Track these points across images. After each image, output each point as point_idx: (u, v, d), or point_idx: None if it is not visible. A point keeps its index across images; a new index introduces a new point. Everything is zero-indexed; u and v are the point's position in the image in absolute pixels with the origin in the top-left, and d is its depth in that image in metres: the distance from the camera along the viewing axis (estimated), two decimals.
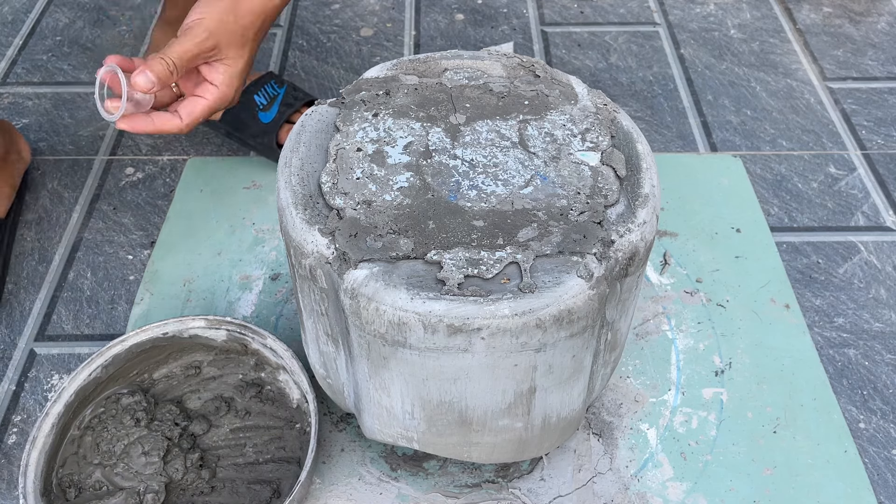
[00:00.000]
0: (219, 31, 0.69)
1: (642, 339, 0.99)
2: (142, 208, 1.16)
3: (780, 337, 0.99)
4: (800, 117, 1.31)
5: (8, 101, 1.32)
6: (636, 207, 0.66)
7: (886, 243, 1.11)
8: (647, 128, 1.29)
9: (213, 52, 0.69)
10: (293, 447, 0.85)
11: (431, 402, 0.68)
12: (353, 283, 0.61)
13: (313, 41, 1.45)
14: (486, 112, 0.74)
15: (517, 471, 0.86)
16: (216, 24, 0.69)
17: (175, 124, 0.70)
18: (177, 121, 0.70)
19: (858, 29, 1.49)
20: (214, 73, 0.71)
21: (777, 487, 0.86)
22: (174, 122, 0.70)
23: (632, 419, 0.91)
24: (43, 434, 0.79)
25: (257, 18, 0.73)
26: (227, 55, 0.71)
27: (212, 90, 0.71)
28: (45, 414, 0.80)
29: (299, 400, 0.87)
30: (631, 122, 0.75)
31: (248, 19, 0.72)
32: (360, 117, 0.73)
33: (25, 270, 1.08)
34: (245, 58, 0.72)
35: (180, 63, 0.67)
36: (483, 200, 0.66)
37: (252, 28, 0.72)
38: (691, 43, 1.46)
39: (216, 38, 0.69)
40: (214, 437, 0.87)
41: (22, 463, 0.77)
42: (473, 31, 1.48)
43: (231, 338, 0.88)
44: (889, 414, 0.93)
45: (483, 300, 0.60)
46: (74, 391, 0.81)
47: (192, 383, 0.90)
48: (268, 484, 0.82)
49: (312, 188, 0.68)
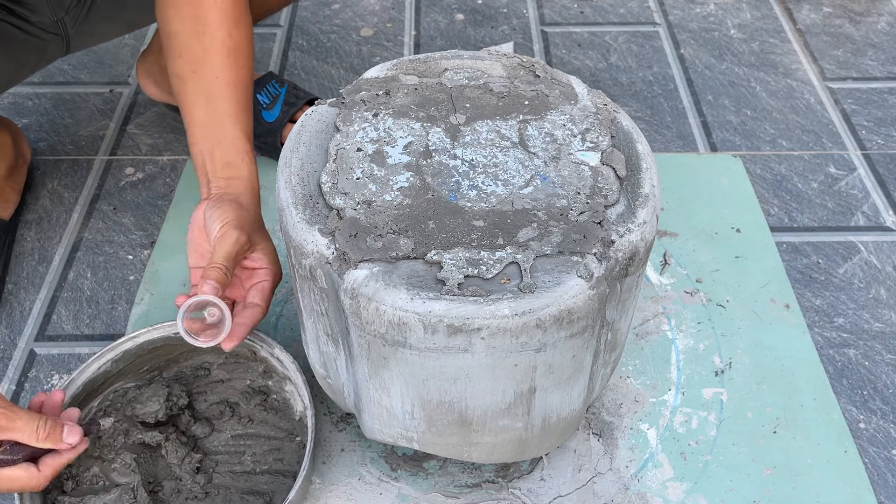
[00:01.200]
0: (244, 226, 0.77)
1: (642, 339, 0.99)
2: (142, 208, 1.16)
3: (780, 337, 0.99)
4: (800, 117, 1.31)
5: (8, 101, 1.32)
6: (636, 207, 0.66)
7: (886, 243, 1.11)
8: (647, 128, 1.29)
9: (249, 246, 0.78)
10: (291, 461, 0.85)
11: (431, 402, 0.68)
12: (353, 283, 0.61)
13: (313, 41, 1.45)
14: (486, 112, 0.74)
15: (517, 471, 0.86)
16: (239, 221, 0.77)
17: (260, 311, 0.79)
18: (259, 308, 0.79)
19: (858, 29, 1.49)
20: (258, 260, 0.80)
21: (777, 487, 0.86)
22: (258, 310, 0.79)
23: (632, 419, 0.91)
24: None
25: (258, 209, 0.83)
26: (258, 242, 0.79)
27: (264, 272, 0.80)
28: None
29: (302, 413, 0.86)
30: (631, 122, 0.75)
31: (254, 209, 0.81)
32: (360, 117, 0.73)
33: (25, 270, 1.08)
34: (269, 239, 0.81)
35: (230, 264, 0.75)
36: (483, 200, 0.66)
37: (259, 217, 0.82)
38: (691, 43, 1.46)
39: (246, 233, 0.77)
40: (215, 441, 0.87)
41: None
42: (473, 31, 1.48)
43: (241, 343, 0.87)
44: (889, 414, 0.93)
45: (483, 300, 0.60)
46: (83, 383, 0.81)
47: (201, 384, 0.90)
48: (261, 496, 0.82)
49: (312, 188, 0.68)
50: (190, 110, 0.86)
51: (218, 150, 0.83)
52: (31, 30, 0.98)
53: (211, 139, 0.84)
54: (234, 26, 0.87)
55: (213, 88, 0.85)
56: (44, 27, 0.99)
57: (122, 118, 1.30)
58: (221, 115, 0.85)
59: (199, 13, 0.86)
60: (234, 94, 0.86)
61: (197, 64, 0.86)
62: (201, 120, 0.85)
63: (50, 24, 0.99)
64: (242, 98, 0.87)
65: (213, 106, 0.85)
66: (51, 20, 0.98)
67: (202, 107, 0.85)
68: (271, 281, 0.80)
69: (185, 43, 0.86)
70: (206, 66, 0.86)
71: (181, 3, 0.86)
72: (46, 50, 1.02)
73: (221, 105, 0.85)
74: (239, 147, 0.84)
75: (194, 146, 0.85)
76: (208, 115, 0.85)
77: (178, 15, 0.86)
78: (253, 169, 0.84)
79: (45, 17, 0.98)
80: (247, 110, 0.87)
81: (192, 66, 0.86)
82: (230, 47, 0.86)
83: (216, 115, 0.85)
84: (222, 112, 0.85)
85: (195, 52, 0.86)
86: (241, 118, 0.86)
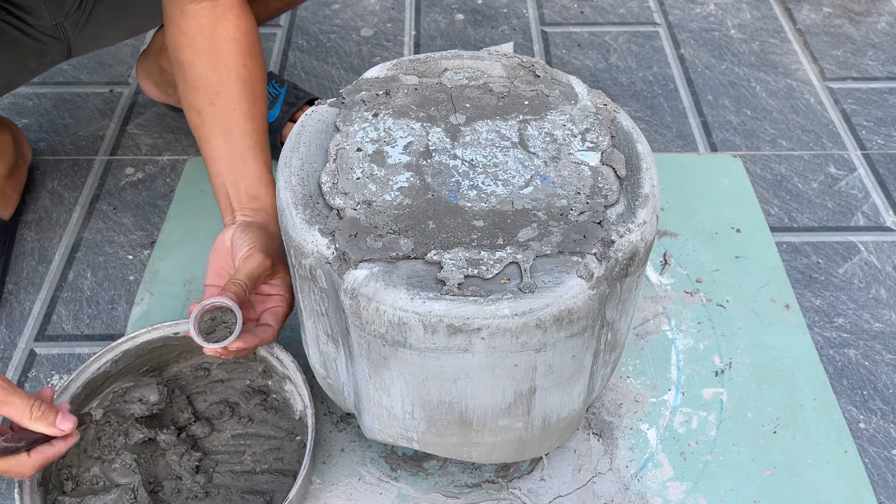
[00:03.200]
0: (270, 252, 0.79)
1: (642, 339, 0.99)
2: (142, 208, 1.16)
3: (780, 337, 0.99)
4: (800, 117, 1.31)
5: (8, 101, 1.32)
6: (636, 207, 0.66)
7: (886, 243, 1.11)
8: (647, 128, 1.29)
9: (271, 271, 0.79)
10: (291, 460, 0.85)
11: (431, 402, 0.68)
12: (353, 283, 0.61)
13: (313, 41, 1.45)
14: (486, 112, 0.74)
15: (517, 471, 0.86)
16: (266, 247, 0.79)
17: (271, 331, 0.80)
18: (271, 328, 0.80)
19: (858, 29, 1.49)
20: (275, 287, 0.81)
21: (777, 487, 0.86)
22: (270, 330, 0.80)
23: (632, 419, 0.91)
24: None
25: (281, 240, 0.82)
26: (279, 270, 0.81)
27: (282, 298, 0.81)
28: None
29: (302, 412, 0.86)
30: (631, 122, 0.75)
31: (278, 241, 0.82)
32: (360, 117, 0.73)
33: (25, 270, 1.08)
34: (288, 270, 0.81)
35: (251, 283, 0.76)
36: (483, 200, 0.66)
37: (282, 247, 0.82)
38: (691, 43, 1.46)
39: (271, 259, 0.78)
40: (215, 441, 0.87)
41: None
42: (473, 31, 1.48)
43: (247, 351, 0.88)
44: (889, 414, 0.93)
45: (483, 300, 0.60)
46: (82, 384, 0.81)
47: (201, 384, 0.90)
48: (261, 495, 0.82)
49: (312, 188, 0.68)
50: (208, 142, 0.86)
51: (242, 183, 0.84)
52: (32, 32, 0.98)
53: (234, 173, 0.85)
54: (249, 56, 0.88)
55: (232, 121, 0.86)
56: (43, 31, 0.99)
57: (122, 118, 1.30)
58: (243, 148, 0.85)
59: (213, 44, 0.86)
60: (252, 125, 0.87)
61: (214, 96, 0.86)
62: (221, 152, 0.86)
63: (49, 28, 0.99)
64: (260, 128, 0.88)
65: (232, 139, 0.86)
66: (50, 24, 0.98)
67: (221, 140, 0.86)
68: (285, 307, 0.81)
69: (200, 74, 0.86)
70: (222, 98, 0.86)
71: (193, 33, 0.86)
72: (46, 53, 1.02)
73: (242, 139, 0.86)
74: (262, 179, 0.85)
75: (216, 177, 0.85)
76: (229, 148, 0.85)
77: (190, 45, 0.87)
78: (275, 200, 0.85)
79: (44, 21, 0.98)
80: (265, 141, 0.88)
81: (208, 98, 0.86)
82: (245, 78, 0.87)
83: (237, 148, 0.85)
84: (243, 146, 0.86)
85: (210, 83, 0.86)
86: (260, 149, 0.87)
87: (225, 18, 0.87)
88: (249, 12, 0.90)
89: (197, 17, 0.86)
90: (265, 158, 0.87)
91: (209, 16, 0.86)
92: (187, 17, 0.86)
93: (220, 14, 0.87)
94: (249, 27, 0.89)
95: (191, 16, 0.86)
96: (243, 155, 0.85)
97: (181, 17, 0.87)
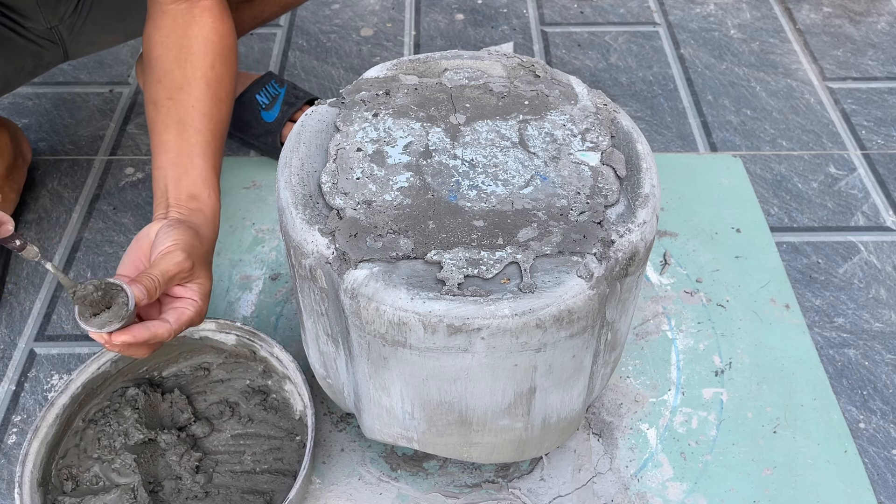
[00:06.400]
0: (193, 254, 0.74)
1: (642, 339, 0.99)
2: (142, 208, 1.16)
3: (780, 337, 0.99)
4: (800, 117, 1.31)
5: (8, 101, 1.31)
6: (636, 207, 0.66)
7: (886, 243, 1.11)
8: (647, 128, 1.29)
9: (189, 274, 0.74)
10: (291, 460, 0.85)
11: (431, 402, 0.68)
12: (353, 283, 0.61)
13: (313, 41, 1.45)
14: (486, 112, 0.74)
15: (517, 471, 0.86)
16: (189, 247, 0.74)
17: (166, 328, 0.73)
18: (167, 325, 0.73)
19: (858, 29, 1.49)
20: (190, 291, 0.75)
21: (777, 487, 0.86)
22: (165, 326, 0.73)
23: (632, 419, 0.91)
24: (46, 424, 0.79)
25: (212, 246, 0.80)
26: (198, 276, 0.75)
27: (192, 303, 0.75)
28: (51, 404, 0.80)
29: (302, 412, 0.86)
30: (631, 122, 0.75)
31: (208, 246, 0.78)
32: (360, 117, 0.73)
33: (25, 270, 1.08)
34: (210, 279, 0.77)
35: (163, 280, 0.71)
36: (483, 200, 0.66)
37: (211, 253, 0.79)
38: (691, 43, 1.46)
39: (192, 261, 0.73)
40: (215, 441, 0.87)
41: (22, 452, 0.76)
42: (473, 31, 1.48)
43: (240, 343, 0.88)
44: (889, 414, 0.93)
45: (483, 300, 0.60)
46: (82, 383, 0.81)
47: (201, 384, 0.90)
48: (261, 495, 0.82)
49: (312, 188, 0.68)
50: (160, 134, 0.83)
51: (185, 180, 0.81)
52: (26, 34, 0.98)
53: (178, 167, 0.81)
54: (219, 59, 0.86)
55: (188, 117, 0.83)
56: (38, 34, 0.98)
57: (122, 118, 1.30)
58: (192, 144, 0.82)
59: (184, 42, 0.85)
60: (209, 125, 0.84)
61: (175, 91, 0.84)
62: (170, 146, 0.82)
63: (44, 32, 0.98)
64: (217, 131, 0.85)
65: (185, 135, 0.82)
66: (44, 27, 0.98)
67: (173, 133, 0.82)
68: (193, 314, 0.75)
69: (165, 68, 0.85)
70: (183, 94, 0.83)
71: (168, 31, 0.85)
72: (43, 56, 1.02)
73: (194, 135, 0.82)
74: (207, 181, 0.81)
75: (158, 170, 0.81)
76: (178, 143, 0.82)
77: (162, 41, 0.85)
78: (217, 206, 0.82)
79: (38, 25, 0.97)
80: (219, 144, 0.85)
81: (169, 92, 0.84)
82: (211, 78, 0.85)
83: (188, 144, 0.82)
84: (193, 142, 0.82)
85: (175, 78, 0.84)
86: (211, 151, 0.83)
87: (201, 19, 0.86)
88: (228, 17, 0.89)
89: (174, 17, 0.85)
90: (215, 162, 0.83)
91: (185, 16, 0.85)
92: (165, 16, 0.86)
93: (197, 14, 0.86)
94: (225, 31, 0.87)
95: (168, 15, 0.85)
96: (192, 152, 0.82)
97: (160, 16, 0.86)
